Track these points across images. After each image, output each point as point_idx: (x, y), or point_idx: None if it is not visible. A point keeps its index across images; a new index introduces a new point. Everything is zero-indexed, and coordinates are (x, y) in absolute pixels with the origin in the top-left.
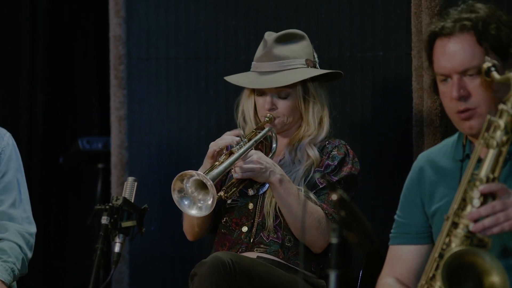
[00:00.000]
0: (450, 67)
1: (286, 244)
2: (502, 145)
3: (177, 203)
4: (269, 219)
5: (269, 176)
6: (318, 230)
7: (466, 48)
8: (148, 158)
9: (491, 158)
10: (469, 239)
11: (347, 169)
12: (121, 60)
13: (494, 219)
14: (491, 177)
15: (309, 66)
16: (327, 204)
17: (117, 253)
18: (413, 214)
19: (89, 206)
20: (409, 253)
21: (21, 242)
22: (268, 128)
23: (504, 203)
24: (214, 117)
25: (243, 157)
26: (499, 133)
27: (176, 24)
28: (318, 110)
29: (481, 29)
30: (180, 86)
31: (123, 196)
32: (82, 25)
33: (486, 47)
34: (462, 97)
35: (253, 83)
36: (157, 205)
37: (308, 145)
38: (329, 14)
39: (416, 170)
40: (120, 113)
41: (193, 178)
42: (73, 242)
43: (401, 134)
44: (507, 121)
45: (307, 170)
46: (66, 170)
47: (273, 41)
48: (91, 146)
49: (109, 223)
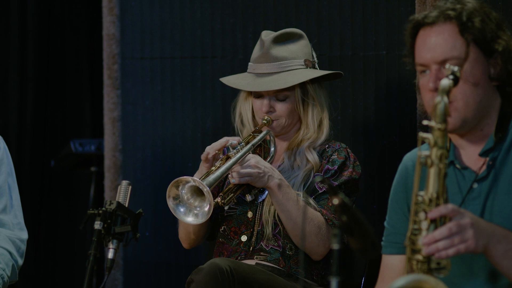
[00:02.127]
0: (429, 56)
1: (287, 252)
2: (439, 161)
3: (173, 211)
4: (268, 227)
5: (267, 181)
6: (318, 237)
7: (447, 38)
8: (143, 161)
9: (434, 177)
10: (426, 263)
11: (348, 173)
12: (115, 60)
13: (449, 241)
14: (435, 196)
15: (308, 66)
16: (327, 210)
17: (111, 260)
18: (400, 222)
19: (82, 211)
20: (399, 263)
21: (11, 249)
22: (266, 131)
23: (459, 225)
24: (210, 119)
25: (241, 162)
26: (434, 150)
27: (172, 22)
28: (318, 112)
29: (465, 20)
30: (176, 86)
31: (117, 201)
32: (74, 23)
33: (468, 39)
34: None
35: (250, 86)
36: (152, 210)
37: (307, 149)
38: (331, 11)
39: (402, 173)
40: (114, 114)
41: (189, 184)
42: (65, 248)
43: (405, 136)
44: (437, 136)
45: (307, 175)
46: (57, 173)
47: (270, 42)
48: (83, 148)
49: (102, 228)
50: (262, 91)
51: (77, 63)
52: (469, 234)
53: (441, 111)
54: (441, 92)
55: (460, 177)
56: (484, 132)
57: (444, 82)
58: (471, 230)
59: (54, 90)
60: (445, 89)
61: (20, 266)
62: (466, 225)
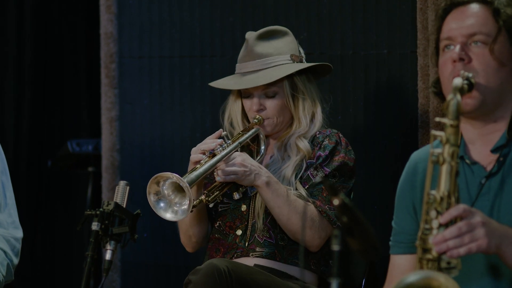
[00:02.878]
0: (457, 27)
1: (279, 243)
2: (451, 159)
3: (153, 206)
4: (259, 221)
5: (254, 179)
6: (312, 229)
7: (479, 14)
8: (141, 161)
9: (445, 176)
10: (436, 262)
11: (340, 158)
12: (113, 59)
13: (459, 240)
14: (446, 195)
15: (294, 61)
16: (321, 201)
17: (108, 261)
18: (406, 221)
19: (79, 212)
20: (407, 262)
21: (6, 248)
22: (255, 129)
23: (469, 224)
24: (209, 118)
25: (226, 159)
26: (446, 148)
27: (170, 21)
28: (309, 106)
29: (498, 6)
30: (174, 85)
31: (115, 201)
32: (71, 21)
33: (500, 24)
34: (462, 60)
35: (237, 85)
36: (150, 211)
37: (298, 138)
38: (331, 10)
39: (409, 172)
40: (112, 114)
41: (170, 180)
42: (62, 249)
43: (406, 136)
44: (450, 133)
45: (298, 164)
46: (54, 174)
47: (254, 39)
48: (81, 148)
49: (99, 229)
50: (250, 90)
51: (74, 62)
52: (480, 233)
53: (453, 107)
54: (454, 89)
55: (469, 172)
56: (497, 126)
57: (456, 80)
58: (482, 229)
59: (51, 89)
60: (458, 86)
61: (15, 265)
62: (476, 224)
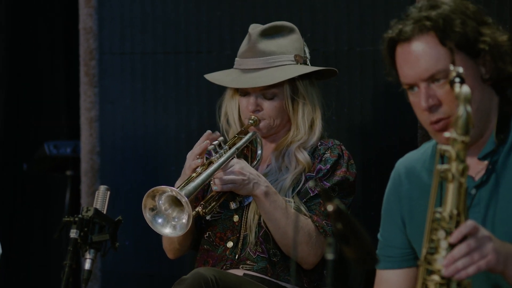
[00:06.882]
0: (414, 74)
1: (272, 259)
2: (460, 176)
3: (149, 223)
4: (251, 234)
5: (252, 188)
6: (309, 245)
7: (428, 51)
8: (122, 165)
9: (453, 193)
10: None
11: (341, 173)
12: (92, 55)
13: (468, 259)
14: (455, 213)
15: (298, 62)
16: (318, 216)
17: (88, 271)
18: (395, 235)
19: (56, 218)
20: (396, 277)
21: None
22: (252, 133)
23: (477, 239)
24: (195, 118)
25: (224, 167)
26: (453, 164)
27: (153, 15)
28: (309, 111)
29: (443, 28)
30: (158, 84)
31: (94, 207)
32: (48, 15)
33: (451, 47)
34: (433, 106)
35: (235, 82)
36: (132, 217)
37: (298, 149)
38: (325, 4)
39: (395, 181)
40: (91, 114)
41: (167, 194)
42: (38, 258)
43: (405, 138)
44: (459, 149)
45: (296, 177)
46: (30, 178)
47: (257, 35)
48: (58, 151)
49: (78, 237)
50: (248, 88)
51: (51, 59)
52: (488, 248)
53: (463, 121)
54: (463, 101)
55: None
56: (484, 136)
57: (465, 89)
58: (490, 244)
59: (26, 88)
60: (467, 97)
61: None
62: (485, 238)
